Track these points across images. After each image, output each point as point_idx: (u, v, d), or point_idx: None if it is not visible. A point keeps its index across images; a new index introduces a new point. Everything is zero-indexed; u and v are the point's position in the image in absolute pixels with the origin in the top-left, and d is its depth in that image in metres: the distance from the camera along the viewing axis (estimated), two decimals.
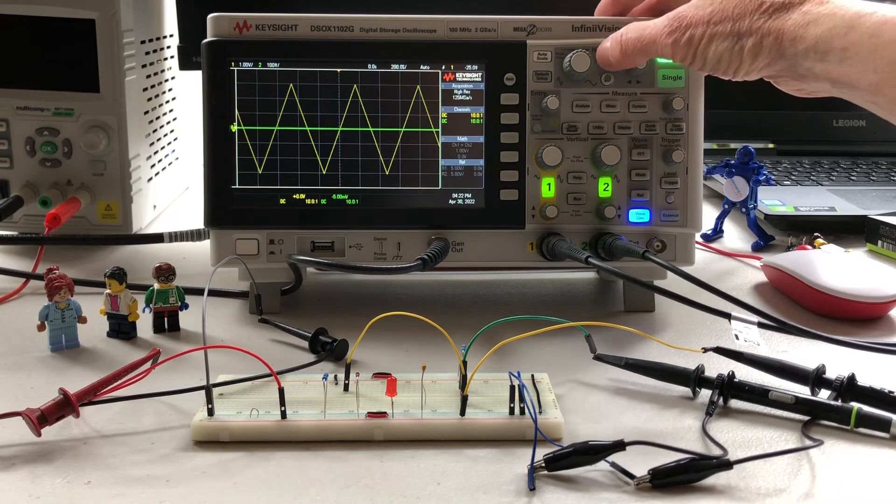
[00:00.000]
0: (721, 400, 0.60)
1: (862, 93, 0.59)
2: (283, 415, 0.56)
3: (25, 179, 0.93)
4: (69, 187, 0.93)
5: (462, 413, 0.56)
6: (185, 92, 1.15)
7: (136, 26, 0.96)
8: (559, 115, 0.74)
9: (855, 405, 0.57)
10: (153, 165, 1.03)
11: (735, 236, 1.02)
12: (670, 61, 0.74)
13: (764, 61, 0.62)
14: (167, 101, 1.09)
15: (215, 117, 0.74)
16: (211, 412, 0.56)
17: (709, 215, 0.90)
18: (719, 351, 0.65)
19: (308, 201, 0.74)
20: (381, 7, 0.78)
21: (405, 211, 0.74)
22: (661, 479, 0.50)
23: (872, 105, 0.59)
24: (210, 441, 0.55)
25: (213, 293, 0.79)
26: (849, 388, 0.59)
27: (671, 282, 0.70)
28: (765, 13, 0.61)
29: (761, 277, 0.87)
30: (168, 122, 1.10)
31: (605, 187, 0.75)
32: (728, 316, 0.65)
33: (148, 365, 0.61)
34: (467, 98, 0.74)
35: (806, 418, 0.58)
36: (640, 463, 0.51)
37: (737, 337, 0.65)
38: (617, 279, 0.81)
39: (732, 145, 1.26)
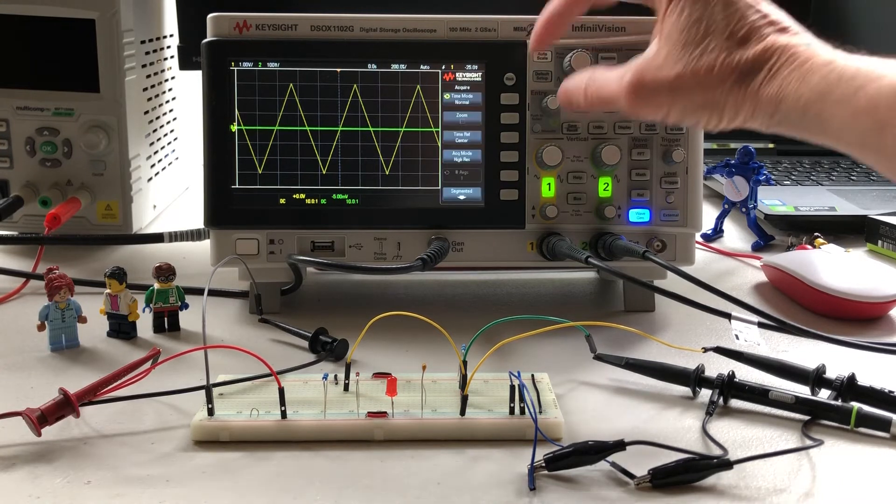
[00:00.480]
0: (721, 400, 0.60)
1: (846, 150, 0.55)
2: (283, 415, 0.56)
3: (25, 179, 0.93)
4: (69, 187, 0.93)
5: (462, 413, 0.56)
6: (185, 92, 1.15)
7: (136, 26, 0.96)
8: (559, 115, 0.74)
9: (855, 405, 0.57)
10: (153, 165, 1.03)
11: (735, 236, 1.02)
12: None
13: (741, 119, 0.58)
14: (167, 101, 1.09)
15: (215, 117, 0.74)
16: (211, 412, 0.56)
17: (709, 215, 0.90)
18: (719, 351, 0.65)
19: (308, 201, 0.74)
20: (381, 7, 0.78)
21: (405, 211, 0.74)
22: (661, 479, 0.50)
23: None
24: (210, 441, 0.55)
25: (213, 293, 0.79)
26: (849, 387, 0.59)
27: (671, 282, 0.70)
28: (737, 80, 0.56)
29: (761, 277, 0.87)
30: (168, 122, 1.10)
31: (605, 187, 0.75)
32: (728, 316, 0.65)
33: (148, 365, 0.61)
34: (467, 98, 0.74)
35: (806, 418, 0.58)
36: (640, 463, 0.51)
37: (737, 337, 0.65)
38: (617, 279, 0.81)
39: (732, 145, 1.26)
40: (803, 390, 0.60)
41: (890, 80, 0.50)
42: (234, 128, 0.74)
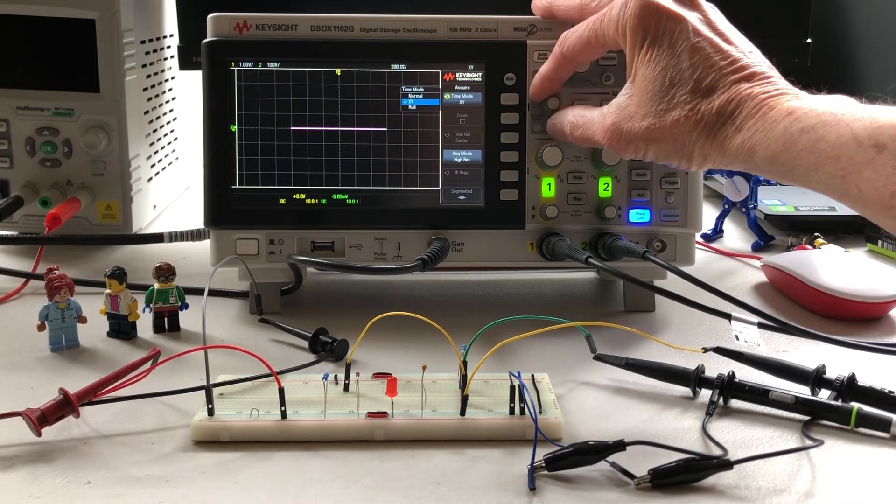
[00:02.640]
0: (721, 400, 0.60)
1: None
2: (283, 415, 0.56)
3: (25, 179, 0.93)
4: (69, 187, 0.93)
5: (462, 413, 0.56)
6: (185, 92, 1.15)
7: (136, 26, 0.96)
8: None
9: (855, 405, 0.57)
10: (153, 165, 1.03)
11: (735, 236, 1.02)
12: None
13: (713, 164, 0.59)
14: (167, 101, 1.09)
15: (215, 117, 0.74)
16: (211, 412, 0.56)
17: (709, 215, 0.90)
18: (719, 351, 0.65)
19: (308, 201, 0.74)
20: (381, 7, 0.78)
21: (405, 211, 0.74)
22: (661, 479, 0.50)
23: None
24: (210, 441, 0.55)
25: (213, 293, 0.79)
26: (849, 388, 0.59)
27: (671, 282, 0.70)
28: (702, 133, 0.58)
29: (761, 277, 0.87)
30: (168, 122, 1.10)
31: (605, 187, 0.75)
32: (728, 316, 0.65)
33: (148, 365, 0.61)
34: (467, 98, 0.74)
35: (806, 418, 0.58)
36: (640, 463, 0.51)
37: (737, 337, 0.65)
38: (617, 279, 0.81)
39: None
40: (803, 390, 0.60)
41: (847, 128, 0.51)
42: (234, 128, 0.74)
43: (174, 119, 1.12)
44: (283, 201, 0.74)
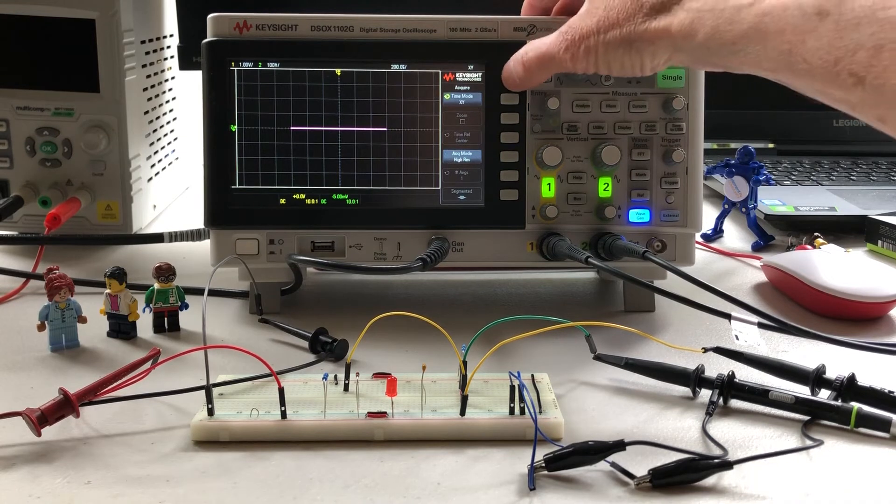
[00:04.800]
0: (721, 400, 0.60)
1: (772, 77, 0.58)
2: (283, 415, 0.56)
3: (25, 179, 0.93)
4: (69, 187, 0.93)
5: (462, 413, 0.56)
6: (185, 92, 1.15)
7: (136, 26, 0.96)
8: (559, 115, 0.74)
9: (855, 405, 0.57)
10: (153, 165, 1.03)
11: (735, 236, 1.02)
12: None
13: (664, 57, 0.62)
14: (167, 101, 1.09)
15: (215, 117, 0.74)
16: (211, 412, 0.56)
17: (709, 215, 0.90)
18: (719, 351, 0.65)
19: (308, 201, 0.74)
20: (381, 7, 0.78)
21: (405, 211, 0.74)
22: (661, 479, 0.50)
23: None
24: (210, 441, 0.55)
25: (213, 293, 0.79)
26: (849, 388, 0.59)
27: (671, 282, 0.70)
28: (647, 16, 0.61)
29: (761, 277, 0.87)
30: (168, 122, 1.10)
31: (605, 187, 0.75)
32: (728, 316, 0.65)
33: (148, 365, 0.61)
34: (467, 98, 0.74)
35: (806, 418, 0.58)
36: (640, 463, 0.51)
37: (737, 337, 0.65)
38: (617, 279, 0.81)
39: (732, 145, 1.26)
40: (803, 390, 0.60)
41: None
42: (234, 128, 0.74)
43: (174, 119, 1.12)
44: (283, 201, 0.74)
